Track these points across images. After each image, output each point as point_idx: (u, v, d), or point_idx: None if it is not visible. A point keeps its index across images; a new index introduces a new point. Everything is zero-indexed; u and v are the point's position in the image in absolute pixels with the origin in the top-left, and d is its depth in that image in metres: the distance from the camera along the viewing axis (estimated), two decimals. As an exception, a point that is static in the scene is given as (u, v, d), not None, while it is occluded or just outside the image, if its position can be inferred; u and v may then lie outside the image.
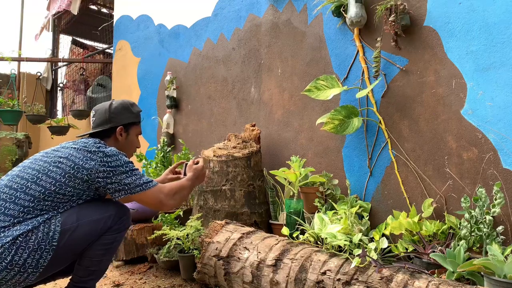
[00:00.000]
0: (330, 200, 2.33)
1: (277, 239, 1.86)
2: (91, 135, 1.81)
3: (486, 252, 1.63)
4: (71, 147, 1.63)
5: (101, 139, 1.75)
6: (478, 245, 1.72)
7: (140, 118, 1.95)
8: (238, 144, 2.61)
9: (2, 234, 1.42)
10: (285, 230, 1.93)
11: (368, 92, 2.24)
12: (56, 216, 1.52)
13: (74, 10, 5.72)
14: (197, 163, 1.93)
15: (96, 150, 1.60)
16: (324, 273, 1.55)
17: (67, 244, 1.50)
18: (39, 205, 1.50)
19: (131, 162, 1.66)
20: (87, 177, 1.55)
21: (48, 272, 1.51)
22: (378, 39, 2.14)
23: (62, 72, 6.90)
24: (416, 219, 1.91)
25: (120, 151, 1.67)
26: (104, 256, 1.63)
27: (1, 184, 1.56)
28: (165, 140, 3.45)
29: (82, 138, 1.75)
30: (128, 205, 2.69)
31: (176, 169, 2.14)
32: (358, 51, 2.36)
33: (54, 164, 1.56)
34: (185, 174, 1.95)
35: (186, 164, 2.00)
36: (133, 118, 1.88)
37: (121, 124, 1.82)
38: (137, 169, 1.65)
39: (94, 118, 1.84)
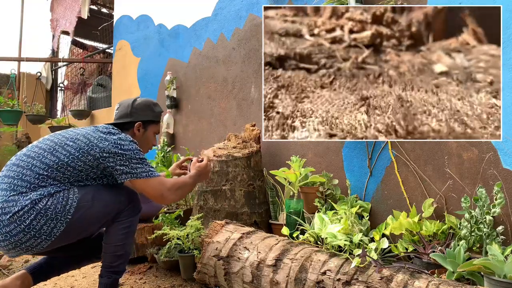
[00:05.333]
0: (330, 200, 2.32)
1: (277, 239, 1.86)
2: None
3: (486, 252, 1.63)
4: (89, 129, 1.76)
5: (120, 130, 1.83)
6: (478, 245, 1.72)
7: (160, 117, 2.04)
8: (238, 144, 2.61)
9: (21, 198, 1.53)
10: (285, 230, 1.93)
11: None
12: (73, 190, 1.62)
13: (84, 14, 5.71)
14: (202, 160, 2.00)
15: (111, 133, 1.72)
16: (324, 273, 1.55)
17: (80, 220, 1.60)
18: (52, 174, 1.60)
19: (141, 151, 1.74)
20: (99, 155, 1.64)
21: (57, 243, 1.60)
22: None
23: (62, 72, 6.89)
24: (416, 219, 1.91)
25: (133, 140, 1.75)
26: (126, 240, 1.73)
27: (21, 153, 1.68)
28: (165, 140, 3.45)
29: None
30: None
31: (183, 164, 2.22)
32: (358, 51, 2.35)
33: (71, 139, 1.67)
34: (190, 171, 1.99)
35: (191, 160, 2.06)
36: (152, 116, 1.98)
37: (140, 120, 1.92)
38: (146, 159, 1.74)
39: (117, 111, 1.96)
